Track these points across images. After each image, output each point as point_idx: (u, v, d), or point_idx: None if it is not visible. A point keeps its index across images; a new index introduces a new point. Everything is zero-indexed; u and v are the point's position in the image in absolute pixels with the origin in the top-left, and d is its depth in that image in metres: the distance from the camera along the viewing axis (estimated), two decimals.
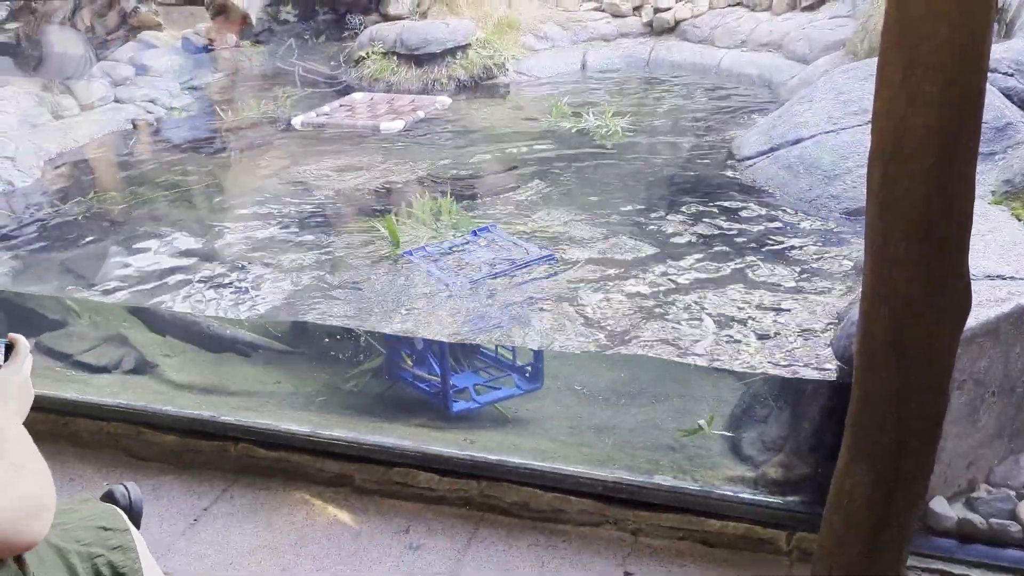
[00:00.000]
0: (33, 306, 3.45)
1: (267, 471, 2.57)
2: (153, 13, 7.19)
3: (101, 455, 2.68)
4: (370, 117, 5.94)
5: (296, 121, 5.77)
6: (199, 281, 3.43)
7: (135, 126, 5.98)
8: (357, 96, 6.51)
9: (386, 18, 7.57)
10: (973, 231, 1.44)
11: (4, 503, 1.07)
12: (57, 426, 2.74)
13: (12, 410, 1.28)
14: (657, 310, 2.95)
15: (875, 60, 1.39)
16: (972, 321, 1.65)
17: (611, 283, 3.17)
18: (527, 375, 2.94)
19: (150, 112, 6.14)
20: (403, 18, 7.45)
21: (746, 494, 2.27)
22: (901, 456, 1.55)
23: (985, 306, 1.98)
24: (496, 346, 2.99)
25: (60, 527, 1.35)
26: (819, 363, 2.48)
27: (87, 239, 3.99)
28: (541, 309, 3.04)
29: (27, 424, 1.26)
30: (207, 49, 7.29)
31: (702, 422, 2.52)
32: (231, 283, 3.40)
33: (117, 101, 6.20)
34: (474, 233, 3.59)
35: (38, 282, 3.64)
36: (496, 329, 2.99)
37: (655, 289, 3.10)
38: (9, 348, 1.39)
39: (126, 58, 6.77)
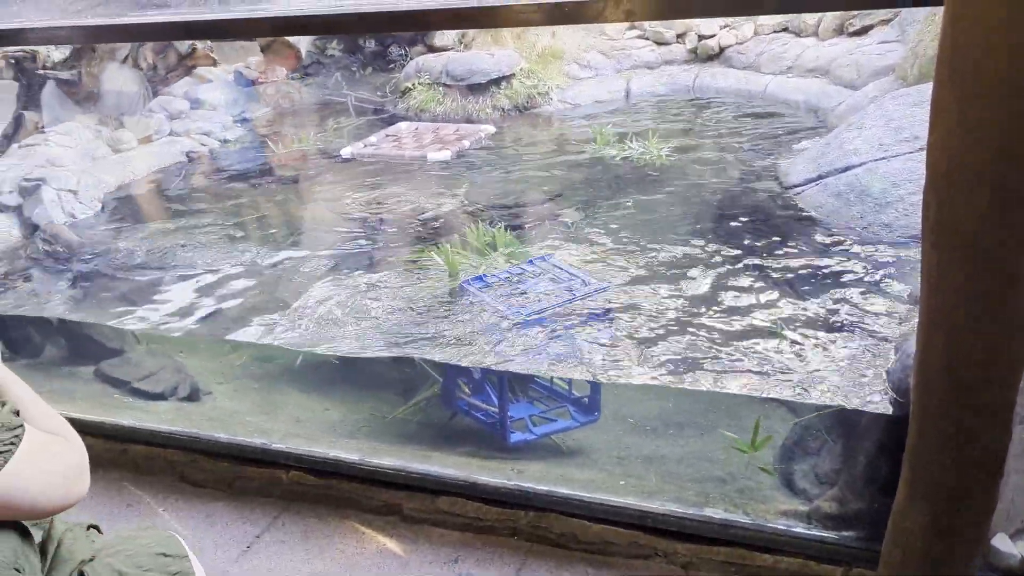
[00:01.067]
0: (93, 335, 3.55)
1: (317, 499, 2.60)
2: (208, 50, 7.40)
3: (157, 481, 2.74)
4: (417, 147, 6.02)
5: (345, 151, 5.88)
6: (253, 310, 3.50)
7: (190, 158, 6.15)
8: (403, 126, 6.61)
9: (431, 49, 7.70)
10: None
11: (59, 470, 1.22)
12: (115, 452, 2.81)
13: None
14: (707, 339, 2.93)
15: (926, 86, 1.38)
16: None
17: (661, 312, 3.15)
18: (584, 406, 2.93)
19: (204, 144, 6.31)
20: (448, 49, 7.57)
21: (799, 528, 2.22)
22: (962, 493, 1.51)
23: None
24: (551, 376, 2.99)
25: (123, 553, 1.39)
26: (873, 394, 2.44)
27: (145, 269, 4.11)
28: (596, 340, 3.04)
29: (90, 455, 1.32)
30: (258, 82, 7.49)
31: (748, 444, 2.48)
32: (285, 312, 3.46)
33: (173, 134, 6.39)
34: (530, 262, 3.60)
35: (98, 311, 3.75)
36: (552, 359, 2.99)
37: (704, 318, 3.08)
38: None
39: (181, 93, 6.99)
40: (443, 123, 6.66)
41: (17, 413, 1.19)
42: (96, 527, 1.49)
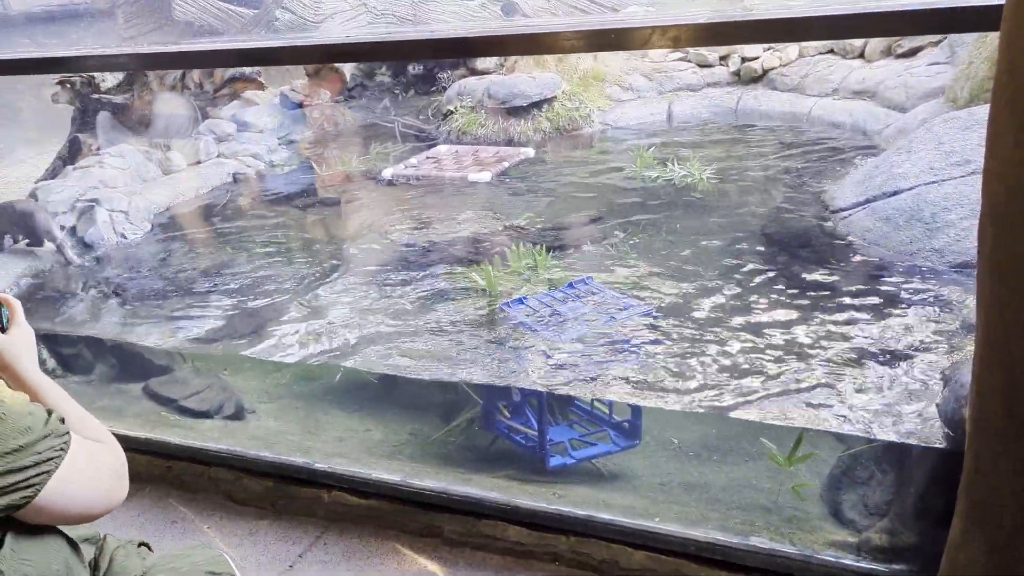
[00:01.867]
0: (142, 353, 3.62)
1: (359, 519, 2.61)
2: (256, 74, 7.57)
3: (202, 499, 2.78)
4: (457, 168, 6.08)
5: (387, 173, 5.96)
6: (298, 329, 3.55)
7: (236, 180, 6.27)
8: (442, 149, 6.68)
9: (473, 72, 7.77)
10: None
11: (104, 474, 1.28)
12: (161, 469, 2.86)
13: (29, 360, 1.42)
14: (753, 366, 2.89)
15: (977, 108, 1.36)
16: None
17: (706, 337, 3.12)
18: (624, 431, 2.91)
19: (250, 167, 6.44)
20: (490, 72, 7.64)
21: (848, 559, 2.17)
22: (1020, 532, 1.47)
23: None
24: (592, 400, 2.98)
25: (174, 571, 1.41)
26: (925, 426, 2.38)
27: (193, 289, 4.19)
28: (639, 363, 3.02)
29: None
30: (303, 105, 7.63)
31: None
32: (330, 331, 3.50)
33: (221, 156, 6.53)
34: (571, 285, 3.59)
35: (148, 330, 3.83)
36: (594, 383, 2.98)
37: (749, 344, 3.04)
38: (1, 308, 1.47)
39: (229, 115, 7.15)
40: (482, 146, 6.72)
41: (63, 421, 1.22)
42: (147, 545, 1.51)
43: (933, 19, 1.68)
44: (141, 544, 1.50)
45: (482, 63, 7.75)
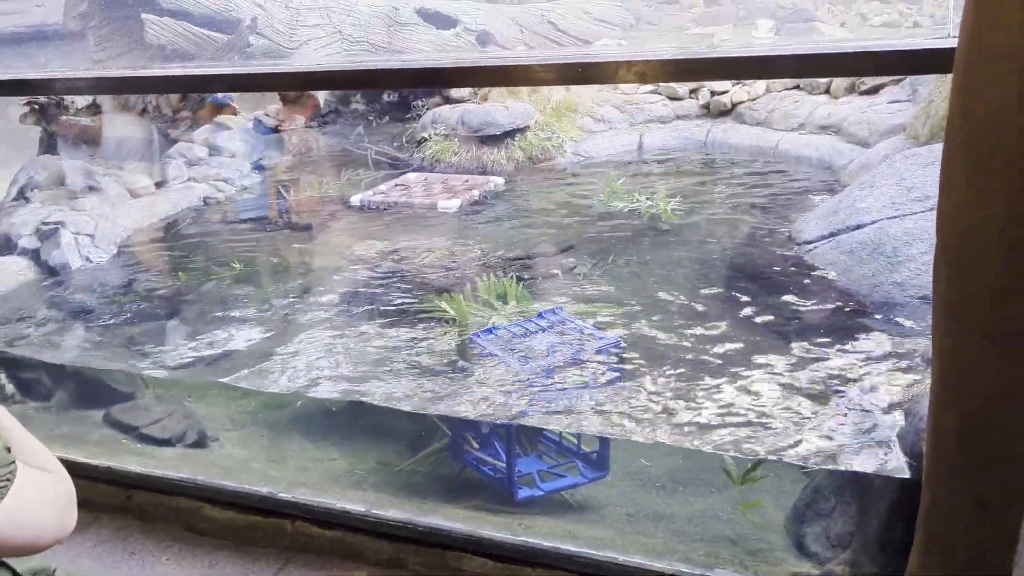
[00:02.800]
0: (104, 379, 3.56)
1: (323, 550, 2.57)
2: (228, 99, 7.56)
3: (161, 529, 2.72)
4: (426, 196, 6.09)
5: (355, 199, 5.96)
6: (261, 356, 3.51)
7: (206, 204, 6.23)
8: (412, 176, 6.69)
9: (448, 101, 7.83)
10: None
11: (51, 504, 1.25)
12: (121, 499, 2.80)
13: None
14: (717, 396, 2.91)
15: (937, 146, 1.39)
16: None
17: (673, 368, 3.14)
18: (593, 462, 2.90)
19: (221, 191, 6.41)
20: (464, 101, 7.69)
21: None
22: (976, 561, 1.49)
23: None
24: (560, 431, 2.97)
25: None
26: (885, 457, 2.41)
27: (156, 315, 4.14)
28: (608, 394, 3.02)
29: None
30: (277, 130, 7.62)
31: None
32: (292, 360, 3.47)
33: (192, 180, 6.49)
34: (540, 315, 3.60)
35: (109, 356, 3.77)
36: (562, 414, 2.98)
37: (715, 374, 3.06)
38: None
39: (201, 139, 7.11)
40: (452, 174, 6.75)
41: (9, 449, 1.20)
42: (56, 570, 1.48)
43: (891, 61, 1.73)
44: (55, 571, 1.47)
45: (456, 92, 7.80)
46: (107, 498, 2.78)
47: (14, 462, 1.19)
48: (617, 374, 3.14)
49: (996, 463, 1.40)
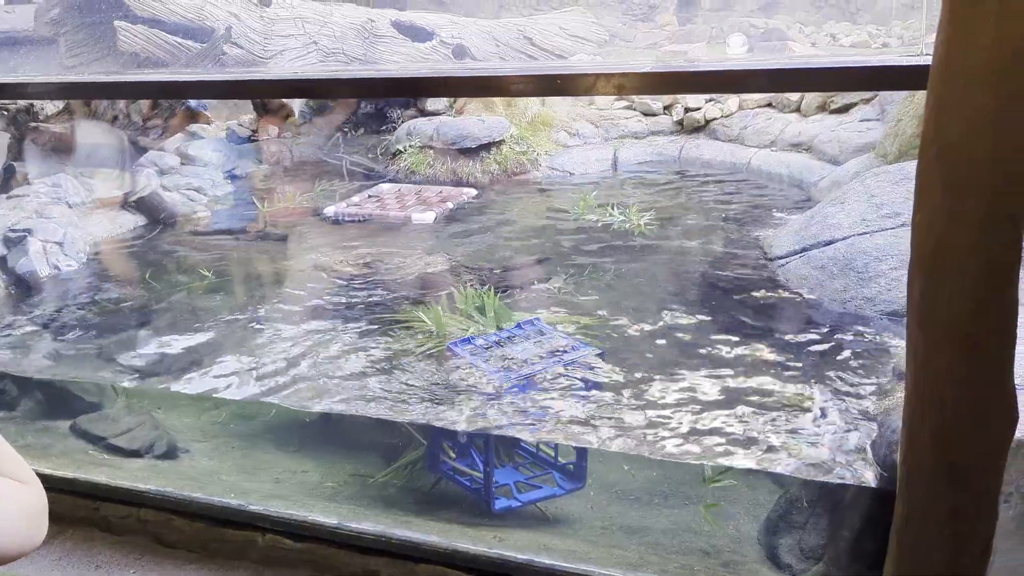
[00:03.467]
0: (72, 389, 3.50)
1: (294, 563, 2.53)
2: (202, 107, 7.50)
3: (129, 541, 2.67)
4: (400, 208, 6.08)
5: (328, 211, 5.93)
6: (233, 366, 3.47)
7: (178, 214, 6.16)
8: (385, 187, 6.68)
9: (423, 113, 7.83)
10: (1021, 337, 1.43)
11: (20, 515, 1.22)
12: (87, 510, 2.74)
13: None
14: (690, 410, 2.93)
15: (907, 163, 1.42)
16: (1018, 432, 1.62)
17: (648, 379, 3.16)
18: (570, 473, 2.90)
19: (193, 200, 6.34)
20: (440, 113, 7.71)
21: None
22: (949, 572, 1.50)
23: None
24: (537, 443, 2.97)
25: None
26: (857, 468, 2.43)
27: (125, 325, 4.08)
28: (585, 405, 3.02)
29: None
30: (251, 140, 7.57)
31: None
32: (268, 370, 3.43)
33: (164, 189, 6.42)
34: (519, 326, 3.60)
35: (77, 366, 3.71)
36: (540, 425, 2.97)
37: (688, 386, 3.08)
38: None
39: (173, 148, 7.04)
40: (425, 186, 6.74)
41: None
42: None
43: (863, 76, 1.76)
44: None
45: (432, 104, 7.81)
46: (73, 510, 2.72)
47: None
48: (594, 384, 3.15)
49: (969, 471, 1.42)
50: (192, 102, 7.34)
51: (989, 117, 1.23)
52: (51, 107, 6.41)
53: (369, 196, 6.41)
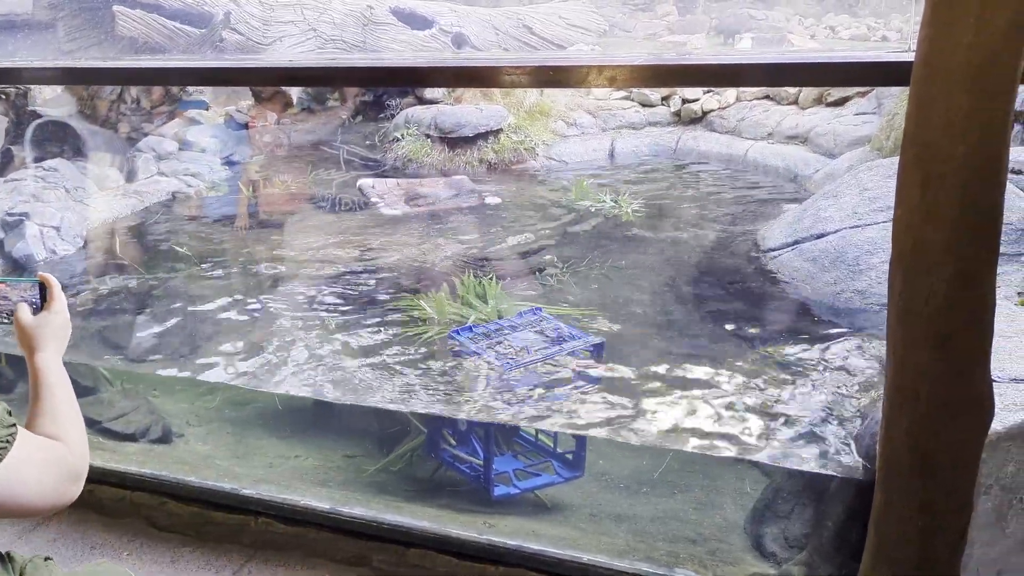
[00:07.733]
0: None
1: (286, 546, 2.56)
2: (200, 92, 7.49)
3: (123, 524, 2.70)
4: (396, 199, 6.08)
5: (324, 199, 5.93)
6: (232, 354, 3.49)
7: (175, 199, 6.17)
8: (382, 181, 6.66)
9: (421, 101, 7.82)
10: (998, 333, 1.45)
11: (52, 472, 1.26)
12: (83, 493, 2.76)
13: (53, 350, 1.44)
14: (681, 399, 2.95)
15: (899, 158, 1.43)
16: (998, 425, 1.65)
17: (639, 371, 3.18)
18: (568, 462, 2.93)
19: (190, 186, 6.34)
20: (438, 102, 7.70)
21: None
22: (925, 563, 1.53)
23: (1011, 410, 1.96)
24: (536, 431, 2.99)
25: None
26: (841, 459, 2.46)
27: (121, 308, 4.09)
28: (584, 394, 3.05)
29: None
30: (249, 127, 7.56)
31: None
32: (266, 358, 3.45)
33: (161, 175, 6.42)
34: (520, 315, 3.61)
35: (73, 349, 3.72)
36: (540, 413, 2.99)
37: (681, 376, 3.11)
38: (43, 288, 1.44)
39: (171, 134, 7.04)
40: (417, 177, 6.74)
41: (10, 413, 1.20)
42: (50, 559, 1.48)
43: (849, 72, 1.78)
44: (47, 558, 1.47)
45: (430, 93, 7.80)
46: None
47: (14, 425, 1.20)
48: (595, 373, 3.17)
49: (945, 465, 1.45)
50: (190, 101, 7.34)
51: (964, 117, 1.25)
52: (48, 91, 6.40)
53: (372, 186, 6.39)
